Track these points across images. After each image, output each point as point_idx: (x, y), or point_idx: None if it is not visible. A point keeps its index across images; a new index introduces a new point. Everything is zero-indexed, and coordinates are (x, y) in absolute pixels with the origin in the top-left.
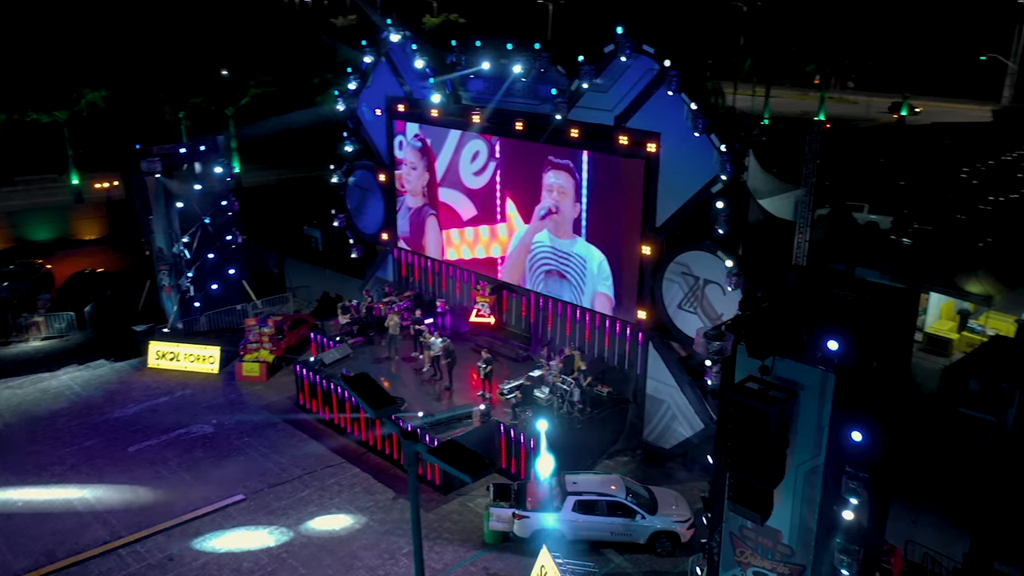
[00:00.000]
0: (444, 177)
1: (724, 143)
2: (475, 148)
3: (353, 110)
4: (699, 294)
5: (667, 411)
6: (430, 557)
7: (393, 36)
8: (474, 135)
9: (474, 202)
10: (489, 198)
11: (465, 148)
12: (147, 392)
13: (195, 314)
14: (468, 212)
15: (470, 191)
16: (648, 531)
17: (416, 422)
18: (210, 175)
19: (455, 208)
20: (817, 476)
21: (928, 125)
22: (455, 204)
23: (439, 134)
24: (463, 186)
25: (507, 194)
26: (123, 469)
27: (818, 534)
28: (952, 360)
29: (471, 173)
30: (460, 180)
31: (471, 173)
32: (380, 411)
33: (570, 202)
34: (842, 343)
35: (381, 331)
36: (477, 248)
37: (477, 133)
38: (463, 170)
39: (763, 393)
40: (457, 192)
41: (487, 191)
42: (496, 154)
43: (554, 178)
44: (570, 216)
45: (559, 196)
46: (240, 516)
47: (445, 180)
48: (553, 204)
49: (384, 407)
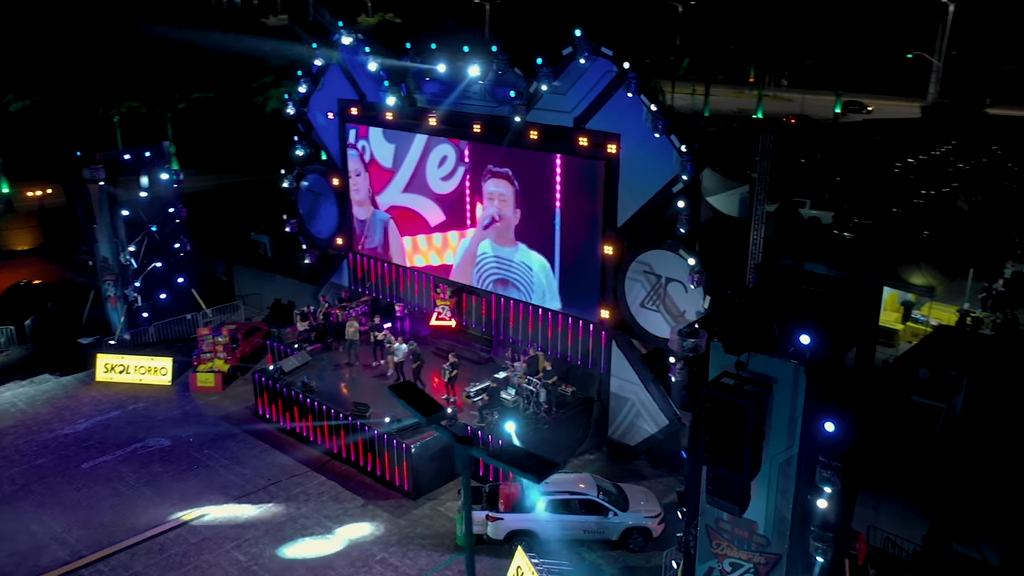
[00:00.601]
0: (410, 182)
1: (684, 143)
2: (443, 153)
3: (303, 114)
4: (661, 292)
5: (631, 408)
6: (404, 563)
7: (345, 39)
8: (442, 140)
9: (442, 207)
10: (459, 203)
11: (432, 153)
12: (97, 407)
13: (143, 325)
14: (436, 218)
15: (438, 196)
16: (620, 527)
17: (383, 428)
18: (157, 181)
19: (422, 214)
20: (791, 467)
21: (861, 122)
22: (422, 210)
23: (404, 139)
24: (431, 191)
25: (477, 199)
26: (78, 487)
27: (793, 523)
28: (898, 350)
29: (439, 178)
30: (427, 185)
31: (439, 178)
32: (431, 418)
33: (511, 209)
34: (814, 337)
35: (339, 337)
36: (446, 254)
37: (433, 135)
38: (430, 175)
39: (739, 388)
40: (424, 197)
41: (456, 196)
42: (465, 159)
43: (494, 186)
44: (512, 223)
45: (500, 204)
46: (206, 530)
47: (411, 185)
48: (496, 212)
49: (434, 413)
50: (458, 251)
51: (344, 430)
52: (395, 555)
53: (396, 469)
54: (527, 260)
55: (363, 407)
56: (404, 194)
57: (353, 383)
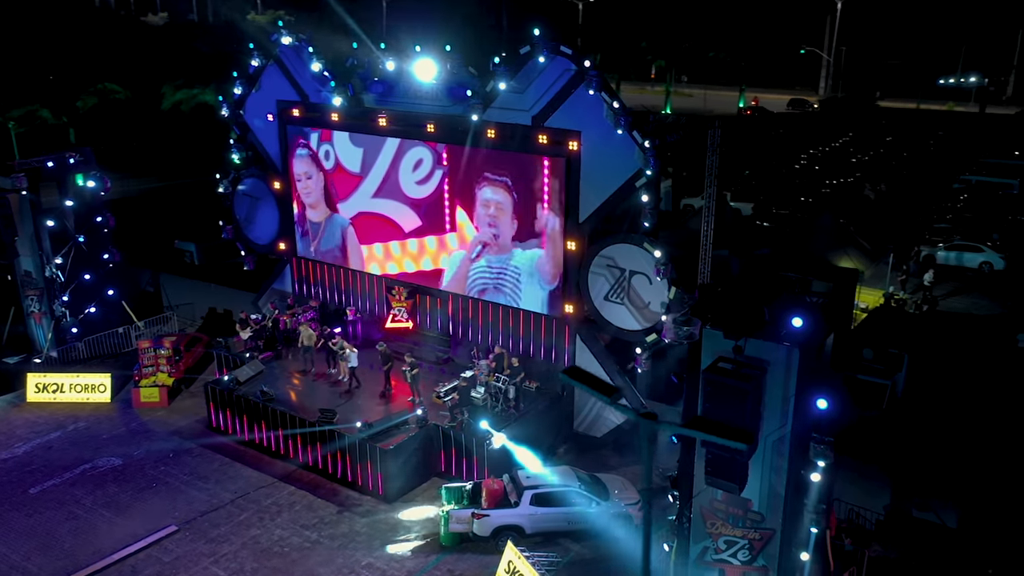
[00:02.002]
0: (381, 187)
1: (646, 139)
2: (418, 156)
3: (239, 116)
4: (625, 285)
5: (597, 401)
6: (390, 566)
7: (285, 39)
8: (417, 143)
9: (418, 212)
10: (436, 208)
11: (406, 156)
12: (34, 429)
13: (72, 341)
14: (411, 223)
15: (414, 201)
16: (603, 516)
17: (354, 436)
18: (82, 189)
19: (395, 219)
20: (784, 444)
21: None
22: (395, 215)
23: (373, 143)
24: (405, 196)
25: (457, 202)
26: (29, 512)
27: (786, 498)
28: None
29: (414, 182)
30: (401, 190)
31: (414, 182)
32: (613, 397)
33: (508, 218)
34: (806, 319)
35: (288, 344)
36: (423, 260)
37: (385, 136)
38: (404, 180)
39: (737, 372)
40: (397, 202)
41: (434, 200)
42: (443, 161)
43: (491, 193)
44: (508, 234)
45: (496, 212)
46: (178, 548)
47: (383, 191)
48: (490, 235)
49: (614, 394)
50: (449, 269)
51: (311, 438)
52: (381, 559)
53: (369, 474)
54: (519, 263)
55: (329, 413)
56: (375, 199)
57: (312, 390)
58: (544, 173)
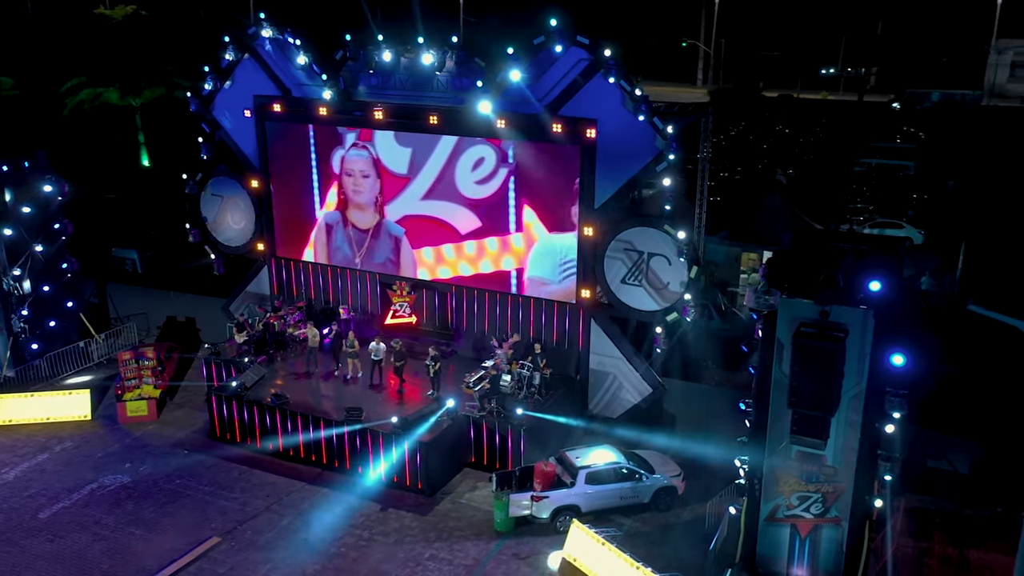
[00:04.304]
0: (432, 188)
1: (668, 125)
2: (479, 155)
3: (208, 112)
4: (643, 267)
5: (612, 382)
6: (455, 556)
7: (265, 32)
8: (479, 141)
9: (477, 213)
10: (499, 207)
11: (464, 155)
12: (16, 452)
13: (32, 359)
14: (469, 224)
15: (472, 201)
16: (651, 490)
17: (390, 428)
18: (38, 195)
19: (449, 221)
20: (859, 400)
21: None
22: (448, 217)
23: (425, 142)
24: (462, 196)
25: (524, 201)
26: (49, 537)
27: (860, 451)
28: None
29: (473, 182)
30: (457, 190)
31: (473, 182)
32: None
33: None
34: (884, 283)
35: (279, 348)
36: (482, 263)
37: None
38: (461, 179)
39: (823, 334)
40: (452, 203)
41: (496, 200)
42: (508, 159)
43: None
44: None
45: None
46: (228, 558)
47: (434, 192)
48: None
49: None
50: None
51: (337, 438)
52: (442, 550)
53: (407, 469)
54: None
55: (356, 411)
56: (425, 201)
57: (321, 390)
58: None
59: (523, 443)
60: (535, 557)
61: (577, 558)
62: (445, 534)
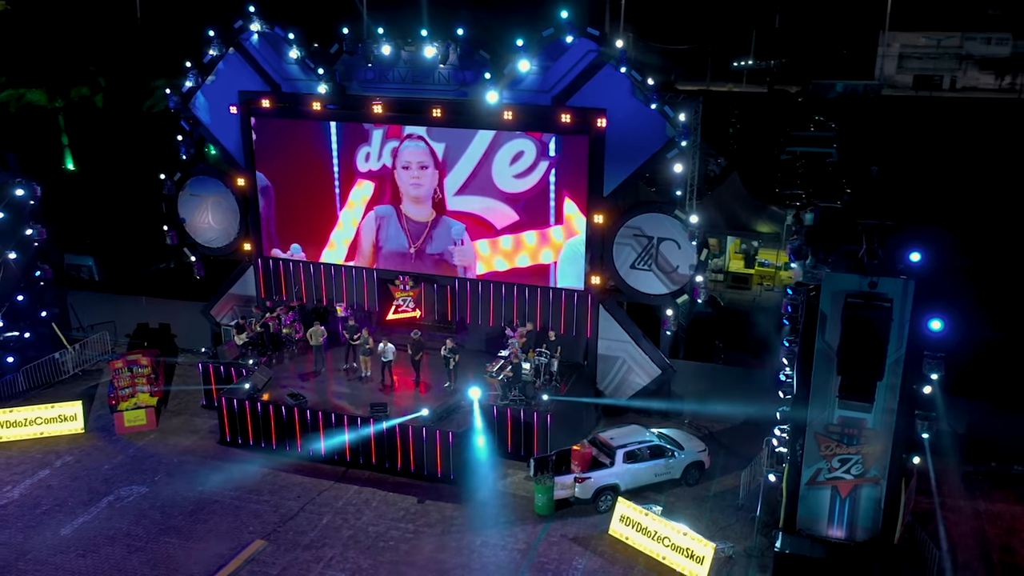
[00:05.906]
0: (467, 183)
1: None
2: (517, 148)
3: (188, 109)
4: (653, 252)
5: (622, 366)
6: (506, 542)
7: (253, 25)
8: (517, 134)
9: (515, 207)
10: (539, 201)
11: (502, 149)
12: (14, 470)
13: (9, 373)
14: (505, 219)
15: (510, 196)
16: (682, 465)
17: (422, 421)
18: (10, 199)
19: (485, 217)
20: (899, 365)
21: None
22: (484, 212)
23: (460, 136)
24: (498, 191)
25: (565, 193)
26: (81, 552)
27: (899, 413)
28: (754, 292)
29: (511, 176)
30: (494, 185)
31: (511, 176)
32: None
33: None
34: (923, 254)
35: (277, 348)
36: (519, 257)
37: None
38: (498, 174)
39: (870, 303)
40: (488, 198)
41: (536, 194)
42: (549, 152)
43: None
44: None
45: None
46: (278, 560)
47: (468, 187)
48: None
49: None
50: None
51: (364, 435)
52: (492, 536)
53: (439, 461)
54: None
55: (381, 407)
56: (459, 196)
57: (337, 388)
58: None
59: (549, 428)
60: (584, 536)
61: (627, 535)
62: (490, 521)
